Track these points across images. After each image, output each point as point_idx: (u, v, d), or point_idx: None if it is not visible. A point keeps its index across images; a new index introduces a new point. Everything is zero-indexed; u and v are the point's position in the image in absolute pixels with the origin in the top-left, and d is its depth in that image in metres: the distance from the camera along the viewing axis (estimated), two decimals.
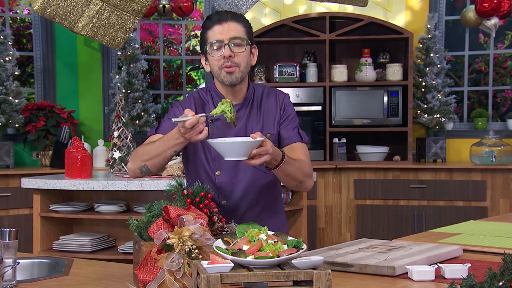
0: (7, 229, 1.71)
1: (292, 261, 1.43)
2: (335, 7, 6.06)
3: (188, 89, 6.82)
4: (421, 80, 5.69)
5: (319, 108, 5.67)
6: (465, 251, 2.12)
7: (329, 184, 5.51)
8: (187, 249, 1.58)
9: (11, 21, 6.53)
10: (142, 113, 5.84)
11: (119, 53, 5.86)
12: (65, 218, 4.04)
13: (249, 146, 1.89)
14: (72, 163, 4.02)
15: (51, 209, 3.99)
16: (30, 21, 6.45)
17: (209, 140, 1.96)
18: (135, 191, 3.89)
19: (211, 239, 1.61)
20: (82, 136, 5.42)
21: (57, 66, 6.12)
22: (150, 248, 1.66)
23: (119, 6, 3.54)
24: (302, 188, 2.25)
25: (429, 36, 5.66)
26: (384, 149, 5.73)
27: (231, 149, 1.89)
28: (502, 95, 6.50)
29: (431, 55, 5.66)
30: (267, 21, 6.16)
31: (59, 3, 3.44)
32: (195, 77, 7.90)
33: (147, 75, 6.29)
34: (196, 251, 1.59)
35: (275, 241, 1.47)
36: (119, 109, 4.47)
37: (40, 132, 5.60)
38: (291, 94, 5.47)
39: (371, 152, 5.69)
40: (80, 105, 6.21)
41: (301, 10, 6.17)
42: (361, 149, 5.74)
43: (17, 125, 5.50)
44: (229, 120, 2.02)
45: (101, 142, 5.56)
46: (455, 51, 6.33)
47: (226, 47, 2.15)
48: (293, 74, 5.72)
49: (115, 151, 4.40)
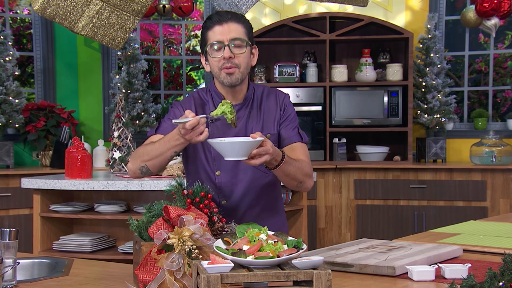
0: (7, 229, 1.71)
1: (292, 261, 1.43)
2: (335, 7, 6.06)
3: (188, 89, 6.82)
4: (421, 80, 5.69)
5: (319, 108, 5.67)
6: (465, 251, 2.12)
7: (329, 184, 5.51)
8: (187, 249, 1.58)
9: (11, 21, 6.53)
10: (142, 113, 5.84)
11: (119, 53, 5.87)
12: (65, 218, 4.04)
13: (249, 146, 1.89)
14: (72, 163, 4.02)
15: (51, 209, 3.99)
16: (30, 21, 6.45)
17: (209, 140, 1.96)
18: (135, 191, 3.89)
19: (211, 239, 1.61)
20: (82, 136, 5.42)
21: (57, 66, 6.13)
22: (150, 248, 1.66)
23: (119, 6, 3.54)
24: (302, 188, 2.25)
25: (429, 36, 5.66)
26: (384, 149, 5.72)
27: (231, 149, 1.89)
28: (502, 95, 6.50)
29: (431, 55, 5.66)
30: (267, 21, 6.16)
31: (59, 3, 3.44)
32: (195, 77, 7.90)
33: (147, 75, 6.29)
34: (196, 251, 1.59)
35: (275, 241, 1.47)
36: (119, 109, 4.47)
37: (40, 132, 5.60)
38: (291, 94, 5.47)
39: (371, 152, 5.69)
40: (80, 105, 6.21)
41: (301, 10, 6.17)
42: (361, 149, 5.74)
43: (17, 125, 5.50)
44: (229, 122, 2.02)
45: (101, 142, 5.56)
46: (455, 51, 6.33)
47: (226, 48, 2.15)
48: (293, 74, 5.72)
49: (115, 151, 4.40)
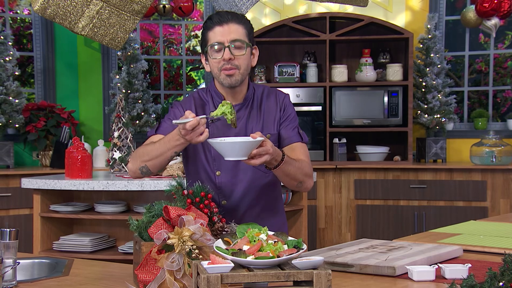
0: (7, 229, 1.71)
1: (292, 261, 1.43)
2: (335, 7, 6.06)
3: (188, 89, 6.82)
4: (421, 80, 5.69)
5: (319, 108, 5.67)
6: (465, 251, 2.12)
7: (329, 184, 5.51)
8: (187, 249, 1.58)
9: (11, 21, 6.53)
10: (142, 113, 5.84)
11: (119, 53, 5.87)
12: (65, 218, 4.04)
13: (249, 146, 1.89)
14: (72, 163, 4.02)
15: (51, 209, 3.99)
16: (30, 21, 6.45)
17: (209, 140, 1.96)
18: (135, 191, 3.89)
19: (211, 239, 1.61)
20: (82, 136, 5.42)
21: (57, 66, 6.13)
22: (150, 248, 1.66)
23: (119, 6, 3.54)
24: (302, 188, 2.25)
25: (429, 36, 5.66)
26: (384, 149, 5.72)
27: (231, 149, 1.89)
28: (502, 95, 6.50)
29: (431, 55, 5.66)
30: (267, 21, 6.16)
31: (59, 3, 3.44)
32: (195, 77, 7.90)
33: (147, 75, 6.29)
34: (196, 251, 1.59)
35: (275, 241, 1.47)
36: (119, 109, 4.47)
37: (40, 132, 5.61)
38: (291, 94, 5.47)
39: (371, 152, 5.69)
40: (80, 105, 6.21)
41: (301, 10, 6.17)
42: (361, 149, 5.74)
43: (17, 125, 5.51)
44: (230, 122, 2.02)
45: (101, 142, 5.56)
46: (455, 51, 6.33)
47: (226, 49, 2.15)
48: (293, 74, 5.72)
49: (115, 151, 4.40)
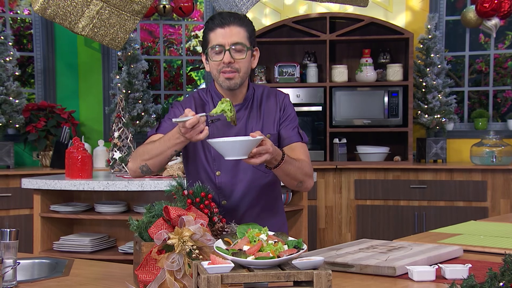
0: (8, 230, 1.71)
1: (292, 262, 1.42)
2: (335, 8, 6.06)
3: (189, 89, 6.82)
4: (421, 80, 5.69)
5: (319, 108, 5.67)
6: (465, 251, 2.12)
7: (329, 184, 5.51)
8: (187, 250, 1.58)
9: (11, 22, 6.53)
10: (143, 114, 5.84)
11: (119, 53, 5.87)
12: (66, 219, 4.04)
13: (249, 144, 1.89)
14: (73, 163, 4.02)
15: (51, 209, 3.99)
16: (30, 21, 6.45)
17: (209, 140, 1.96)
18: (136, 191, 3.89)
19: (211, 239, 1.61)
20: (83, 137, 5.42)
21: (58, 67, 6.13)
22: (150, 248, 1.66)
23: (119, 7, 3.54)
24: (303, 188, 2.25)
25: (430, 36, 5.66)
26: (384, 150, 5.72)
27: (231, 148, 1.89)
28: (503, 96, 6.50)
29: (432, 55, 5.66)
30: (267, 21, 6.16)
31: (60, 3, 3.44)
32: (196, 78, 7.91)
33: (147, 76, 6.29)
34: (197, 251, 1.59)
35: (275, 242, 1.47)
36: (120, 109, 4.47)
37: (40, 133, 5.61)
38: (291, 95, 5.46)
39: (372, 153, 5.69)
40: (81, 105, 6.21)
41: (301, 10, 6.17)
42: (362, 149, 5.74)
43: (17, 126, 5.51)
44: (229, 120, 2.02)
45: (101, 142, 5.56)
46: (455, 51, 6.33)
47: (227, 53, 2.15)
48: (294, 74, 5.72)
49: (115, 151, 4.40)
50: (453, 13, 6.34)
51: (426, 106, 5.66)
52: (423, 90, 5.69)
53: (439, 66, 5.68)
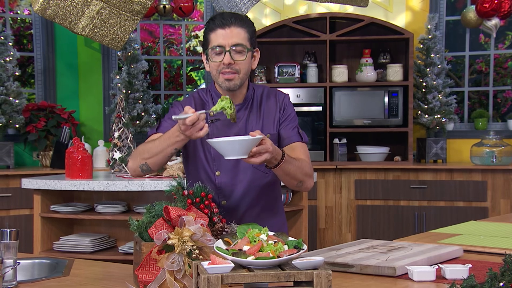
0: (8, 230, 1.71)
1: (292, 262, 1.42)
2: (335, 8, 6.06)
3: (189, 89, 6.82)
4: (421, 80, 5.69)
5: (319, 108, 5.67)
6: (465, 251, 2.12)
7: (329, 184, 5.51)
8: (187, 250, 1.58)
9: (11, 22, 6.53)
10: (143, 114, 5.84)
11: (119, 53, 5.87)
12: (66, 219, 4.04)
13: (249, 144, 1.89)
14: (73, 163, 4.02)
15: (51, 209, 3.99)
16: (30, 21, 6.45)
17: (208, 140, 1.96)
18: (136, 191, 3.89)
19: (211, 239, 1.61)
20: (83, 137, 5.42)
21: (58, 67, 6.13)
22: (150, 248, 1.66)
23: (119, 7, 3.54)
24: (303, 188, 2.25)
25: (430, 36, 5.66)
26: (384, 150, 5.72)
27: (231, 147, 1.89)
28: (503, 96, 6.50)
29: (432, 55, 5.66)
30: (267, 21, 6.16)
31: (60, 3, 3.44)
32: (196, 78, 7.91)
33: (147, 76, 6.29)
34: (197, 251, 1.59)
35: (275, 242, 1.47)
36: (120, 109, 4.47)
37: (40, 133, 5.61)
38: (291, 95, 5.46)
39: (372, 153, 5.69)
40: (81, 105, 6.21)
41: (301, 10, 6.17)
42: (362, 149, 5.74)
43: (17, 126, 5.51)
44: (229, 117, 2.03)
45: (101, 142, 5.56)
46: (455, 51, 6.33)
47: (227, 54, 2.15)
48: (294, 74, 5.72)
49: (115, 151, 4.40)
50: (453, 13, 6.34)
51: (426, 106, 5.66)
52: (423, 90, 5.69)
53: (439, 66, 5.68)
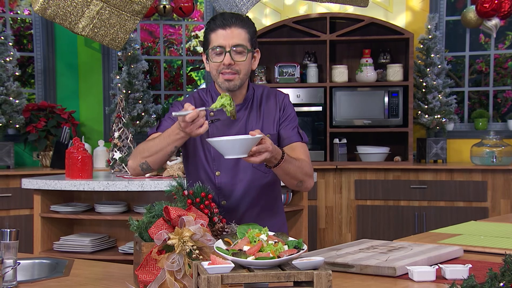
0: (8, 230, 1.71)
1: (292, 262, 1.42)
2: (335, 8, 6.06)
3: (189, 89, 6.82)
4: (421, 80, 5.69)
5: (319, 108, 5.67)
6: (465, 251, 2.12)
7: (329, 184, 5.51)
8: (187, 250, 1.58)
9: (11, 22, 6.53)
10: (143, 114, 5.84)
11: (119, 53, 5.87)
12: (66, 219, 4.04)
13: (249, 143, 1.89)
14: (73, 163, 4.02)
15: (51, 209, 3.99)
16: (30, 21, 6.45)
17: (208, 139, 1.96)
18: (136, 191, 3.89)
19: (211, 239, 1.61)
20: (83, 137, 5.42)
21: (58, 67, 6.13)
22: (150, 248, 1.66)
23: (119, 7, 3.54)
24: (303, 188, 2.25)
25: (430, 36, 5.66)
26: (384, 150, 5.72)
27: (231, 146, 1.89)
28: (503, 96, 6.50)
29: (432, 55, 5.66)
30: (267, 21, 6.16)
31: (60, 3, 3.44)
32: (196, 78, 7.91)
33: (147, 76, 6.29)
34: (197, 251, 1.59)
35: (275, 242, 1.47)
36: (120, 109, 4.47)
37: (40, 133, 5.61)
38: (291, 95, 5.46)
39: (372, 153, 5.69)
40: (81, 105, 6.21)
41: (301, 10, 6.17)
42: (362, 149, 5.74)
43: (17, 126, 5.51)
44: (229, 114, 2.03)
45: (101, 142, 5.56)
46: (455, 51, 6.33)
47: (227, 54, 2.15)
48: (294, 74, 5.72)
49: (115, 151, 4.40)
50: (453, 13, 6.34)
51: (426, 106, 5.66)
52: (423, 90, 5.69)
53: (439, 66, 5.68)
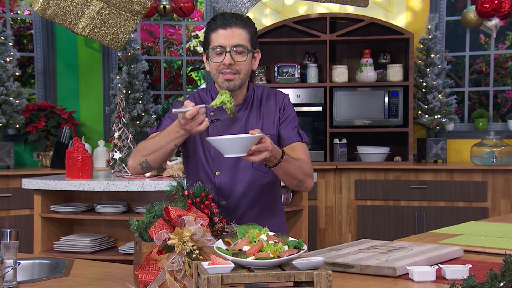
0: (8, 230, 1.71)
1: (292, 262, 1.42)
2: (335, 8, 6.06)
3: (189, 89, 6.82)
4: (421, 80, 5.69)
5: (319, 108, 5.67)
6: (466, 251, 2.12)
7: (329, 184, 5.51)
8: (187, 250, 1.58)
9: (11, 22, 6.53)
10: (143, 114, 5.84)
11: (119, 53, 5.87)
12: (66, 219, 4.04)
13: (248, 141, 1.89)
14: (73, 163, 4.02)
15: (51, 209, 3.99)
16: (30, 21, 6.45)
17: (208, 138, 1.97)
18: (136, 191, 3.89)
19: (211, 239, 1.61)
20: (83, 137, 5.42)
21: (58, 67, 6.13)
22: (150, 248, 1.66)
23: (119, 7, 3.54)
24: (302, 188, 2.25)
25: (430, 36, 5.66)
26: (384, 150, 5.72)
27: (231, 145, 1.89)
28: (503, 96, 6.50)
29: (432, 55, 5.66)
30: (267, 21, 6.16)
31: (60, 3, 3.43)
32: (196, 78, 7.91)
33: (147, 76, 6.29)
34: (197, 251, 1.59)
35: (275, 242, 1.47)
36: (120, 109, 4.47)
37: (40, 133, 5.61)
38: (291, 95, 5.45)
39: (372, 153, 5.69)
40: (81, 105, 6.21)
41: (301, 10, 6.17)
42: (362, 149, 5.74)
43: (17, 126, 5.51)
44: (229, 111, 2.04)
45: (101, 142, 5.56)
46: (455, 51, 6.33)
47: (227, 54, 2.15)
48: (294, 74, 5.72)
49: (115, 151, 4.40)
50: (453, 13, 6.34)
51: (426, 107, 5.66)
52: (424, 90, 5.69)
53: (439, 66, 5.68)
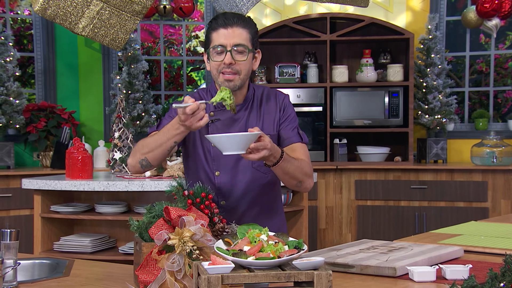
0: (8, 230, 1.71)
1: (293, 262, 1.42)
2: (336, 8, 6.06)
3: (189, 89, 6.82)
4: (422, 80, 5.69)
5: (320, 108, 5.67)
6: (466, 252, 2.12)
7: (330, 184, 5.51)
8: (188, 250, 1.58)
9: (12, 22, 6.53)
10: (143, 114, 5.84)
11: (119, 53, 5.87)
12: (66, 219, 4.04)
13: (247, 139, 1.90)
14: (73, 163, 4.02)
15: (52, 209, 3.99)
16: (30, 21, 6.45)
17: (207, 135, 1.97)
18: (136, 191, 3.89)
19: (211, 240, 1.61)
20: (83, 137, 5.41)
21: (58, 67, 6.13)
22: (151, 249, 1.66)
23: (119, 7, 3.54)
24: (302, 188, 2.25)
25: (430, 36, 5.66)
26: (385, 150, 5.72)
27: (229, 142, 1.89)
28: (503, 96, 6.50)
29: (432, 55, 5.66)
30: (267, 21, 6.16)
31: (60, 3, 3.43)
32: (196, 78, 7.91)
33: (147, 76, 6.29)
34: (197, 252, 1.59)
35: (276, 242, 1.47)
36: (120, 109, 4.47)
37: (41, 133, 5.61)
38: (291, 95, 5.45)
39: (372, 153, 5.69)
40: (81, 105, 6.21)
41: (302, 10, 6.17)
42: (362, 149, 5.74)
43: (18, 126, 5.51)
44: (229, 108, 2.04)
45: (101, 142, 5.56)
46: (456, 51, 6.33)
47: (228, 54, 2.15)
48: (294, 74, 5.72)
49: (115, 151, 4.40)
50: (453, 13, 6.34)
51: (426, 107, 5.66)
52: (424, 90, 5.69)
53: (439, 66, 5.68)
